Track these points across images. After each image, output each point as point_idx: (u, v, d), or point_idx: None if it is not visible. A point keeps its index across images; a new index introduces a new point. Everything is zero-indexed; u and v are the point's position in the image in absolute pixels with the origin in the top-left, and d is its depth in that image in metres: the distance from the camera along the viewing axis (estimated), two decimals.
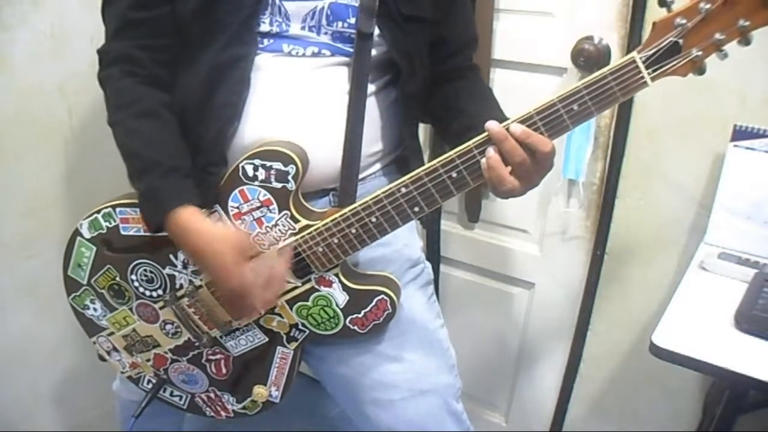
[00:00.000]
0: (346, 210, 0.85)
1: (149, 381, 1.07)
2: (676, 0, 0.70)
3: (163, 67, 0.90)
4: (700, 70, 0.72)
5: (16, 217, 1.34)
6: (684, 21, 0.69)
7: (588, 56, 1.24)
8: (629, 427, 1.52)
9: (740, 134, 1.11)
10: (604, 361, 1.50)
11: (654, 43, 0.71)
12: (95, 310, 1.01)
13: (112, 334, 1.03)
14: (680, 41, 0.70)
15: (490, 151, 0.77)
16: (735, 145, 1.12)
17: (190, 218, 0.84)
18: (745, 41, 0.69)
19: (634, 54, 0.71)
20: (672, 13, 0.70)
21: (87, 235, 0.96)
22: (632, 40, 1.22)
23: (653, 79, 0.72)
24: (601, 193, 1.37)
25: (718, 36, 0.69)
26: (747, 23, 0.67)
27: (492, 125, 0.77)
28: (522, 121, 0.76)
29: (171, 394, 1.08)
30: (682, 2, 0.70)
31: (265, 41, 0.87)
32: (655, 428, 1.47)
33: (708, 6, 0.67)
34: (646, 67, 0.71)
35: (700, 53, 0.70)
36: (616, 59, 1.26)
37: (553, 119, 0.75)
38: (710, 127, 1.19)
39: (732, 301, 0.98)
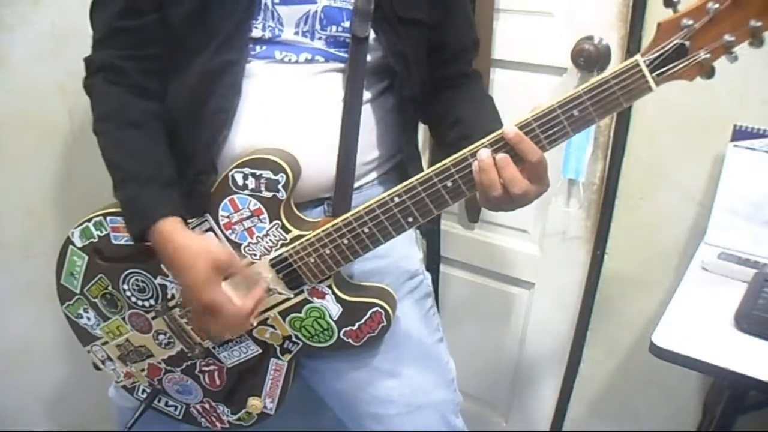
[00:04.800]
0: (338, 220, 0.84)
1: (144, 390, 1.06)
2: (682, 0, 0.67)
3: (149, 76, 0.88)
4: (709, 74, 0.69)
5: (16, 217, 1.34)
6: (691, 22, 0.65)
7: (588, 56, 1.24)
8: (629, 427, 1.52)
9: (740, 134, 1.11)
10: (604, 361, 1.50)
11: (659, 45, 0.68)
12: (89, 319, 1.01)
13: (106, 343, 1.03)
14: (687, 43, 0.67)
15: (482, 154, 0.75)
16: (735, 145, 1.12)
17: (171, 230, 0.84)
18: (758, 42, 0.65)
19: (637, 57, 0.68)
20: (678, 14, 0.66)
21: (78, 243, 0.96)
22: (632, 40, 1.21)
23: (658, 83, 0.69)
24: (601, 193, 1.37)
25: (727, 37, 0.65)
26: (759, 23, 0.63)
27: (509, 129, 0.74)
28: (520, 127, 0.74)
29: (166, 404, 1.07)
30: (689, 3, 0.67)
31: (258, 48, 0.85)
32: (655, 428, 1.47)
33: (716, 6, 0.64)
34: (651, 71, 0.68)
35: (708, 56, 0.66)
36: (616, 59, 1.27)
37: (553, 126, 0.73)
38: (710, 128, 1.19)
39: (732, 301, 0.98)
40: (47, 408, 1.53)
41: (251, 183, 0.84)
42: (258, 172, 0.84)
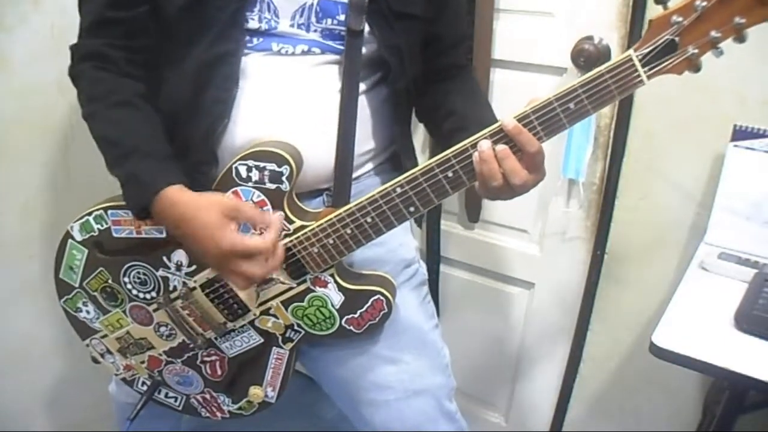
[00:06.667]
0: (341, 210, 0.85)
1: (143, 383, 1.07)
2: None
3: (137, 67, 0.89)
4: (696, 68, 0.71)
5: (16, 217, 1.34)
6: (680, 19, 0.69)
7: (588, 56, 1.24)
8: (629, 427, 1.51)
9: (740, 134, 1.11)
10: (604, 361, 1.50)
11: (650, 41, 0.71)
12: (88, 312, 1.01)
13: (105, 336, 1.03)
14: (676, 39, 0.70)
15: (483, 145, 0.77)
16: (735, 145, 1.12)
17: (176, 193, 0.83)
18: (741, 39, 0.68)
19: (630, 52, 0.71)
20: (668, 11, 0.69)
21: (78, 237, 0.96)
22: (632, 40, 1.21)
23: (650, 77, 0.72)
24: (601, 193, 1.37)
25: (713, 34, 0.68)
26: (743, 20, 0.67)
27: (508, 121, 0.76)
28: (518, 120, 0.76)
29: (166, 396, 1.08)
30: (678, 0, 0.69)
31: (255, 40, 0.86)
32: (655, 428, 1.47)
33: (704, 4, 0.67)
34: (643, 65, 0.71)
35: (696, 51, 0.70)
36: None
37: (550, 118, 0.75)
38: (710, 127, 1.19)
39: (732, 301, 0.98)
40: (46, 407, 1.53)
41: (255, 175, 0.85)
42: (262, 164, 0.84)
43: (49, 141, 1.36)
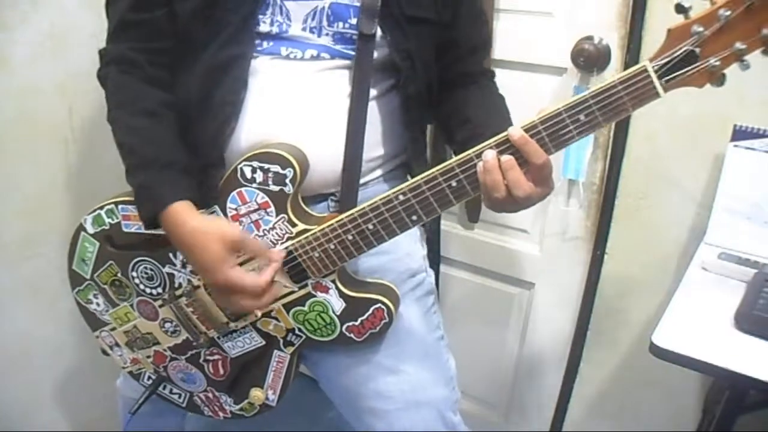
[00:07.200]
0: (342, 216, 0.84)
1: (149, 377, 1.08)
2: (694, 6, 0.66)
3: (161, 68, 0.90)
4: (720, 81, 0.68)
5: (16, 217, 1.34)
6: (701, 29, 0.65)
7: (588, 56, 1.24)
8: (629, 427, 1.51)
9: (740, 134, 1.11)
10: (604, 361, 1.50)
11: (668, 51, 0.67)
12: (98, 304, 1.02)
13: (114, 329, 1.04)
14: (697, 50, 0.66)
15: (487, 155, 0.76)
16: (735, 145, 1.12)
17: (182, 213, 0.84)
18: None
19: (645, 62, 0.68)
20: (688, 21, 0.66)
21: (90, 230, 0.97)
22: (632, 40, 1.22)
23: (666, 89, 0.69)
24: (601, 193, 1.37)
25: (738, 45, 0.65)
26: None
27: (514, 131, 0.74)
28: (526, 130, 0.74)
29: (170, 392, 1.08)
30: (700, 9, 0.66)
31: (264, 43, 0.87)
32: (655, 428, 1.47)
33: (728, 13, 0.63)
34: (659, 77, 0.68)
35: (718, 63, 0.66)
36: (616, 59, 1.27)
37: (558, 129, 0.73)
38: (710, 127, 1.19)
39: (732, 301, 0.98)
40: (47, 408, 1.53)
41: (259, 176, 0.85)
42: (266, 166, 0.85)
43: (49, 141, 1.35)
